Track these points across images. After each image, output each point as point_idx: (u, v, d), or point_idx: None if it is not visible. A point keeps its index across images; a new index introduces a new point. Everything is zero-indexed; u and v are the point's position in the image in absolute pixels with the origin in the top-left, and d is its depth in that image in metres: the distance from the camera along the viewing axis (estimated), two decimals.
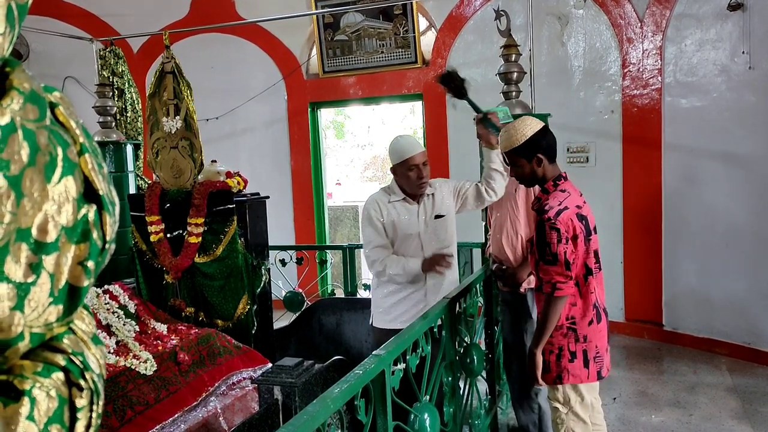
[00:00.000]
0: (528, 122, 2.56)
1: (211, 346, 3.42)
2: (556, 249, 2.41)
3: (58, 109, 0.59)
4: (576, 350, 2.51)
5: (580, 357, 2.51)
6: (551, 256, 2.42)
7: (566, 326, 2.51)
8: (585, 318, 2.51)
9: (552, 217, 2.41)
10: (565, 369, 2.51)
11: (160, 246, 3.89)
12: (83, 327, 0.62)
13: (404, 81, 6.78)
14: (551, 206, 2.45)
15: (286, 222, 7.24)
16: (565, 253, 2.41)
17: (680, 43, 5.25)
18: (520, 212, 3.24)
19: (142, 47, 7.34)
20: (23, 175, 0.51)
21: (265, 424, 2.56)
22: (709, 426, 3.78)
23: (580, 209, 2.50)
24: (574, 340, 2.51)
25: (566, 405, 2.56)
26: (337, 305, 4.67)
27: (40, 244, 0.53)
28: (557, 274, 2.42)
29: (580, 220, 2.47)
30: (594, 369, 2.54)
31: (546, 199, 2.51)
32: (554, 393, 2.60)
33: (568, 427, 2.57)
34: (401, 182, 3.11)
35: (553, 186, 2.54)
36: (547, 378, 2.54)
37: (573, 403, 2.55)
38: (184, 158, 3.90)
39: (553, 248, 2.41)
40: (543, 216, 2.44)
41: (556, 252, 2.41)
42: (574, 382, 2.52)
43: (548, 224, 2.41)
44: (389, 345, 2.12)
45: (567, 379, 2.52)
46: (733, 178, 4.95)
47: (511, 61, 4.07)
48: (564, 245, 2.41)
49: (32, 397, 0.53)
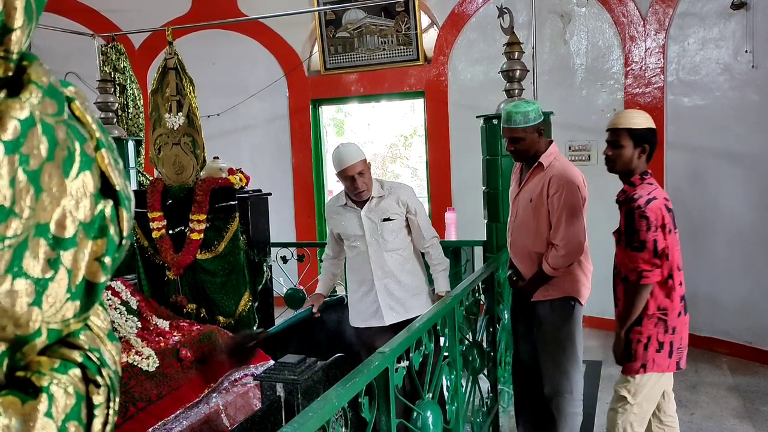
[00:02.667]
0: (648, 116, 2.69)
1: (213, 343, 3.42)
2: (644, 236, 2.46)
3: (74, 103, 0.59)
4: (664, 341, 2.56)
5: (666, 347, 2.56)
6: (639, 243, 2.47)
7: (657, 316, 2.54)
8: (675, 309, 2.56)
9: (642, 205, 2.47)
10: (651, 359, 2.55)
11: (162, 242, 3.89)
12: (99, 323, 0.62)
13: (406, 78, 6.77)
14: (640, 195, 2.51)
15: (287, 219, 7.23)
16: (654, 241, 2.46)
17: (683, 41, 5.25)
18: (532, 225, 3.03)
19: (143, 43, 7.33)
20: (42, 169, 0.50)
21: (268, 421, 2.55)
22: (711, 425, 3.79)
23: (667, 201, 2.57)
24: (663, 330, 2.55)
25: (634, 397, 2.60)
26: (338, 303, 4.66)
27: (58, 239, 0.52)
28: (644, 262, 2.47)
29: (668, 211, 2.54)
30: (675, 359, 2.59)
31: (633, 191, 2.58)
32: (626, 382, 2.62)
33: (626, 418, 2.62)
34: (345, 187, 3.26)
35: (640, 179, 2.61)
36: (631, 366, 2.58)
37: (640, 396, 2.59)
38: (187, 154, 3.89)
39: (642, 235, 2.46)
40: (632, 204, 2.50)
41: (644, 239, 2.46)
42: (657, 371, 2.57)
43: (638, 212, 2.47)
44: (393, 342, 2.12)
45: (651, 368, 2.55)
46: (736, 176, 4.95)
47: (514, 58, 4.07)
48: (653, 233, 2.46)
49: (50, 394, 0.53)
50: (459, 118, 6.32)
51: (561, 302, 3.03)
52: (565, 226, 2.91)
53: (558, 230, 2.93)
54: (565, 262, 2.94)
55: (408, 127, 12.23)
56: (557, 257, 2.93)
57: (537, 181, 3.03)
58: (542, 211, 2.98)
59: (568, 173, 2.98)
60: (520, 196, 3.12)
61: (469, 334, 3.31)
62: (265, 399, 2.65)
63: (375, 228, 3.18)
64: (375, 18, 6.66)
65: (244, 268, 3.81)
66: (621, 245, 2.63)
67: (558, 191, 2.92)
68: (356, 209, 3.20)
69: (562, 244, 2.91)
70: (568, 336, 3.05)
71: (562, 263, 2.94)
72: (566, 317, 3.04)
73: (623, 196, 2.64)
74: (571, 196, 2.93)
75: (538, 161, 3.02)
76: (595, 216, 4.84)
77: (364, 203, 3.19)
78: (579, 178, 3.01)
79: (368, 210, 3.19)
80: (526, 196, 3.07)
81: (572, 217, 2.92)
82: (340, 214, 3.27)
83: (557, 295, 3.03)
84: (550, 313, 3.04)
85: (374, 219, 3.18)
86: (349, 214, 3.24)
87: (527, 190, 3.07)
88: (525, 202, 3.07)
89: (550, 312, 3.04)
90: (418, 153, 11.66)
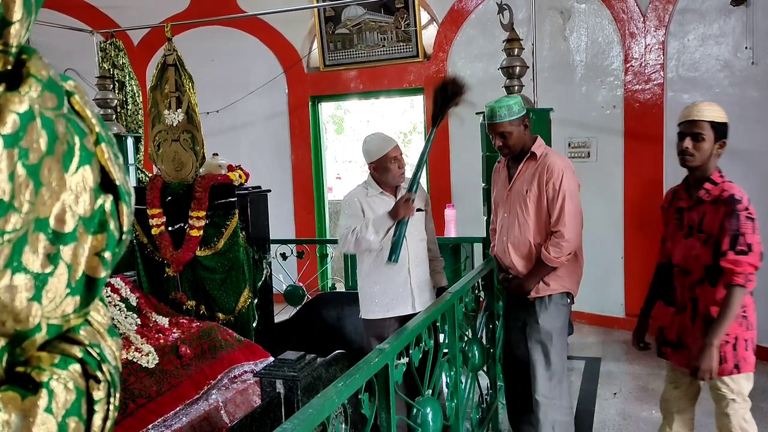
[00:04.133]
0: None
1: (213, 340, 3.42)
2: (752, 239, 2.33)
3: (73, 97, 0.58)
4: (748, 338, 2.48)
5: (751, 345, 2.48)
6: (746, 246, 2.33)
7: (740, 315, 2.45)
8: (751, 306, 2.49)
9: (748, 206, 2.36)
10: (742, 358, 2.45)
11: (162, 239, 3.88)
12: (99, 318, 0.62)
13: (405, 75, 6.77)
14: (741, 195, 2.38)
15: (286, 216, 7.23)
16: (760, 244, 2.36)
17: (683, 38, 5.24)
18: (531, 217, 2.98)
19: (142, 40, 7.31)
20: (42, 164, 0.50)
21: (267, 417, 2.55)
22: (711, 421, 3.76)
23: None
24: (746, 328, 2.47)
25: (740, 395, 2.50)
26: (338, 299, 4.67)
27: (57, 234, 0.52)
28: (749, 265, 2.34)
29: None
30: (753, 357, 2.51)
31: (723, 189, 2.44)
32: (723, 384, 2.51)
33: (737, 415, 2.53)
34: (381, 176, 3.23)
35: (720, 177, 2.49)
36: (723, 369, 2.45)
37: (740, 391, 2.50)
38: (186, 151, 3.88)
39: (749, 238, 2.33)
40: (736, 206, 2.35)
41: (751, 243, 2.33)
42: (748, 371, 2.47)
43: (744, 213, 2.34)
44: (393, 339, 2.12)
45: (744, 368, 2.46)
46: (735, 173, 4.87)
47: (514, 55, 4.06)
48: (758, 235, 2.35)
49: (50, 389, 0.52)
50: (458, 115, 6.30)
51: (559, 298, 3.00)
52: (567, 212, 2.87)
53: (560, 217, 2.88)
54: (567, 248, 2.89)
55: (407, 123, 12.21)
56: (560, 244, 2.88)
57: (531, 172, 2.98)
58: (541, 199, 2.94)
59: (562, 160, 2.99)
60: (512, 191, 3.05)
61: (469, 331, 3.31)
62: (265, 395, 2.65)
63: (412, 217, 3.21)
64: (374, 14, 6.65)
65: (243, 265, 3.80)
66: (708, 246, 2.46)
67: (556, 176, 2.90)
68: (392, 197, 3.25)
69: (564, 230, 2.87)
70: (561, 334, 3.01)
71: (565, 250, 2.89)
72: (561, 313, 3.01)
73: (708, 195, 2.48)
74: (569, 182, 2.90)
75: (531, 152, 2.99)
76: (595, 213, 4.85)
77: (396, 192, 3.27)
78: (572, 165, 3.03)
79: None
80: (520, 189, 3.00)
81: (572, 202, 2.89)
82: (375, 203, 3.23)
83: (557, 290, 2.98)
84: (546, 310, 2.99)
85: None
86: (386, 202, 3.23)
87: (521, 182, 3.01)
88: (520, 196, 3.00)
89: (547, 308, 2.99)
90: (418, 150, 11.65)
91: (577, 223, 2.92)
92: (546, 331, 2.98)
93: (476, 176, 4.49)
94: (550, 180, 2.90)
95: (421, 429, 2.30)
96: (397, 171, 3.20)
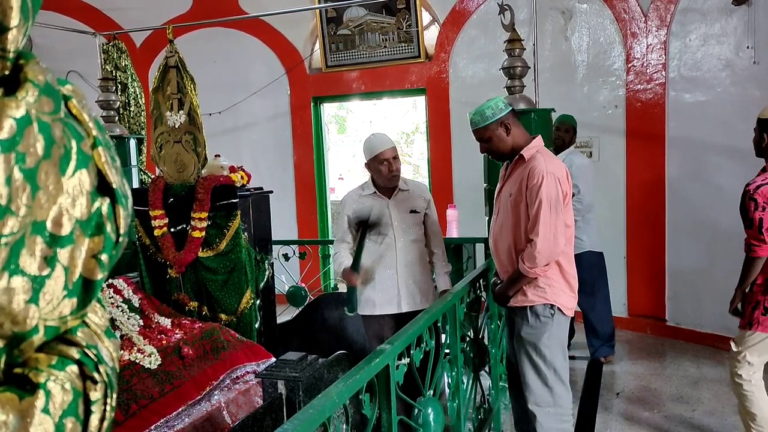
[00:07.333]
0: None
1: (215, 341, 3.42)
2: (752, 215, 2.92)
3: (71, 101, 0.59)
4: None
5: None
6: (748, 221, 2.93)
7: (765, 285, 3.00)
8: None
9: (752, 190, 2.95)
10: (757, 319, 3.00)
11: (164, 240, 3.89)
12: (96, 320, 0.62)
13: (407, 76, 6.77)
14: (754, 181, 2.99)
15: (288, 216, 7.24)
16: (760, 219, 2.90)
17: (685, 37, 5.24)
18: (513, 221, 2.85)
19: (145, 41, 7.33)
20: (39, 168, 0.51)
21: (269, 418, 2.56)
22: (713, 421, 3.79)
23: None
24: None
25: (739, 347, 3.06)
26: (340, 300, 4.67)
27: (54, 237, 0.53)
28: (752, 238, 2.94)
29: None
30: None
31: (757, 178, 3.02)
32: (736, 336, 3.10)
33: (733, 366, 3.09)
34: (374, 177, 3.35)
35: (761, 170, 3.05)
36: (741, 322, 3.07)
37: (743, 348, 3.04)
38: (188, 152, 3.89)
39: (750, 214, 2.92)
40: (745, 188, 2.98)
41: (752, 218, 2.92)
42: (763, 331, 3.00)
43: (747, 195, 2.95)
44: (394, 339, 2.13)
45: (756, 327, 3.01)
46: (737, 172, 4.92)
47: (515, 55, 4.06)
48: (760, 212, 2.90)
49: (47, 390, 0.53)
50: (460, 115, 6.30)
51: (542, 309, 2.81)
52: (542, 220, 2.68)
53: (534, 225, 2.70)
54: (541, 259, 2.70)
55: (410, 124, 12.23)
56: (532, 255, 2.70)
57: (517, 175, 2.85)
58: (521, 204, 2.78)
59: (549, 165, 2.76)
60: (501, 193, 2.96)
61: (470, 331, 3.31)
62: (267, 396, 2.66)
63: (403, 218, 3.33)
64: (376, 15, 6.66)
65: (245, 266, 3.81)
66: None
67: (536, 182, 2.71)
68: (385, 198, 3.34)
69: (536, 239, 2.68)
70: (549, 346, 2.82)
71: (538, 260, 2.70)
72: (545, 326, 2.82)
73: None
74: (550, 188, 2.70)
75: (520, 154, 2.85)
76: (597, 213, 4.84)
77: (391, 194, 3.34)
78: (561, 171, 2.80)
79: (396, 200, 3.35)
80: (507, 191, 2.89)
81: (549, 210, 2.69)
82: (365, 203, 3.34)
83: (537, 302, 2.81)
84: (527, 321, 2.84)
85: (402, 209, 3.34)
86: (377, 203, 3.33)
87: (508, 184, 2.90)
88: (506, 198, 2.89)
89: (528, 320, 2.83)
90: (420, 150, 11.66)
91: (553, 233, 2.70)
92: (530, 342, 2.84)
93: (478, 176, 4.49)
94: (530, 184, 2.74)
95: (422, 429, 2.31)
96: (387, 173, 3.27)
